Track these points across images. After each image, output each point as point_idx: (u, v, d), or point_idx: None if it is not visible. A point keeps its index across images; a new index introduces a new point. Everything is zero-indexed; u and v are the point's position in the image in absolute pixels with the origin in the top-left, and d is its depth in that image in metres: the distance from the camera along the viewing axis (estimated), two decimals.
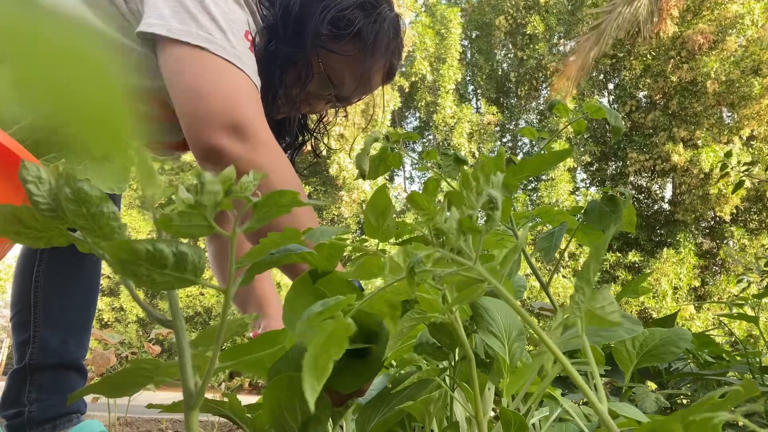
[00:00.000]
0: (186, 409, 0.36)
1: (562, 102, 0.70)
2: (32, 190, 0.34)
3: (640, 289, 0.81)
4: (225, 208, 0.35)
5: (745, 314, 1.31)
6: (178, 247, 0.33)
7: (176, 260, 0.33)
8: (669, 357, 0.71)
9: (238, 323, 0.39)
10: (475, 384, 0.56)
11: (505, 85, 15.68)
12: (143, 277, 0.33)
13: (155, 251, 0.33)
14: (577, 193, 13.11)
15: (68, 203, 0.34)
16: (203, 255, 0.35)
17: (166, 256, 0.33)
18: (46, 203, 0.35)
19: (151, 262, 0.33)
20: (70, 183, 0.34)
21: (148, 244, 0.32)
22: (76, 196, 0.34)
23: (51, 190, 0.35)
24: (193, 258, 0.34)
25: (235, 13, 0.98)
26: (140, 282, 0.34)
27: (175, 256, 0.33)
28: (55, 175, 0.35)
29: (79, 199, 0.34)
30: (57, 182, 0.35)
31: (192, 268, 0.34)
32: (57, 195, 0.35)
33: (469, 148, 12.93)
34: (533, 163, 0.63)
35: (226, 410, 0.67)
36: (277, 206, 0.37)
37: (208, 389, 0.37)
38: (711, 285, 12.04)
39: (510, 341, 0.68)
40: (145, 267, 0.33)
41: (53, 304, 1.21)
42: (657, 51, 12.71)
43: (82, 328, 1.26)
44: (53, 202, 0.35)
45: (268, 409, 0.57)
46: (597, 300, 0.37)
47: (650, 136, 12.73)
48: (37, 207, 0.35)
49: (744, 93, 11.40)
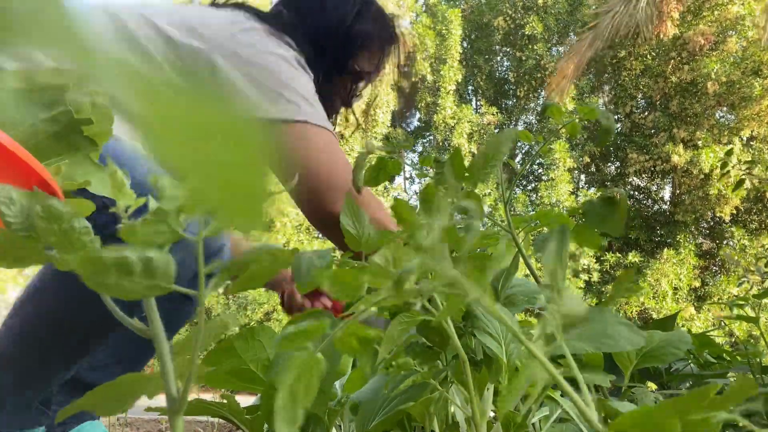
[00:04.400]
0: (170, 414, 0.36)
1: (556, 104, 0.70)
2: (4, 210, 0.34)
3: (632, 287, 0.81)
4: (188, 212, 0.34)
5: (746, 315, 1.31)
6: (144, 252, 0.33)
7: (144, 267, 0.33)
8: (669, 358, 0.71)
9: (218, 325, 0.38)
10: (470, 384, 0.56)
11: (504, 86, 15.68)
12: (112, 286, 0.33)
13: (121, 259, 0.32)
14: (577, 193, 13.10)
15: (40, 221, 0.34)
16: (170, 260, 0.34)
17: (132, 264, 0.33)
18: (20, 223, 0.35)
19: (119, 271, 0.32)
20: (41, 200, 0.34)
21: (113, 253, 0.32)
22: (47, 213, 0.34)
23: (23, 209, 0.35)
24: (158, 263, 0.33)
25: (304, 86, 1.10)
26: (111, 292, 0.33)
27: (142, 263, 0.33)
28: (26, 194, 0.35)
29: (50, 216, 0.34)
30: (28, 202, 0.35)
31: (162, 274, 0.34)
32: (29, 214, 0.35)
33: (469, 148, 12.92)
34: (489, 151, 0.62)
35: (225, 412, 0.67)
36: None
37: (207, 391, 0.37)
38: (711, 285, 12.03)
39: (507, 341, 0.68)
40: (113, 276, 0.33)
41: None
42: (657, 52, 12.71)
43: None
44: (26, 222, 0.35)
45: (266, 410, 0.57)
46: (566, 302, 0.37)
47: (650, 136, 12.73)
48: (9, 228, 0.35)
49: (744, 94, 11.40)
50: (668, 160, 12.04)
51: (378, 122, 12.62)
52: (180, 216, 0.34)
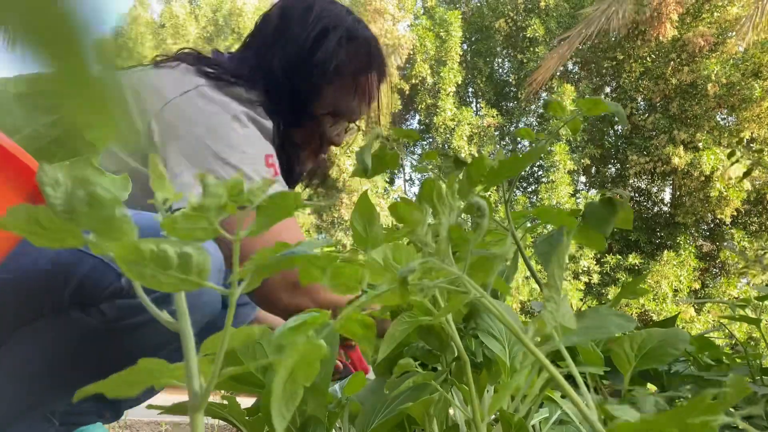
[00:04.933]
0: (191, 411, 0.36)
1: (558, 101, 0.71)
2: (49, 192, 0.35)
3: (638, 290, 0.81)
4: (229, 212, 0.35)
5: (747, 316, 1.31)
6: (182, 248, 0.34)
7: (180, 261, 0.34)
8: (667, 358, 0.71)
9: (246, 331, 0.39)
10: (471, 386, 0.56)
11: (505, 88, 15.69)
12: (149, 277, 0.34)
13: (159, 252, 0.33)
14: (577, 195, 13.10)
15: (82, 206, 0.34)
16: (207, 257, 0.35)
17: (170, 257, 0.33)
18: (63, 206, 0.35)
19: (156, 263, 0.33)
20: (85, 186, 0.35)
21: (152, 245, 0.33)
22: (90, 199, 0.34)
23: (66, 193, 0.35)
24: (197, 259, 0.34)
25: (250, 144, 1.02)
26: (147, 282, 0.34)
27: (179, 258, 0.34)
28: (71, 178, 0.35)
29: (93, 202, 0.34)
30: (73, 186, 0.35)
31: (196, 270, 0.34)
32: (72, 198, 0.35)
33: (469, 150, 12.92)
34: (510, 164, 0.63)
35: (226, 413, 0.67)
36: (279, 209, 0.37)
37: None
38: (711, 287, 12.02)
39: (510, 343, 0.68)
40: (150, 268, 0.33)
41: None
42: (657, 53, 12.72)
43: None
44: (68, 205, 0.35)
45: (267, 412, 0.57)
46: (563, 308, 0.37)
47: (650, 138, 12.73)
48: (53, 209, 0.35)
49: (744, 96, 11.40)
50: (668, 162, 12.04)
51: (378, 124, 12.61)
52: (222, 214, 0.35)
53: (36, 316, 0.85)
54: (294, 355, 0.33)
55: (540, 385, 0.60)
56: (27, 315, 0.85)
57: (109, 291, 0.82)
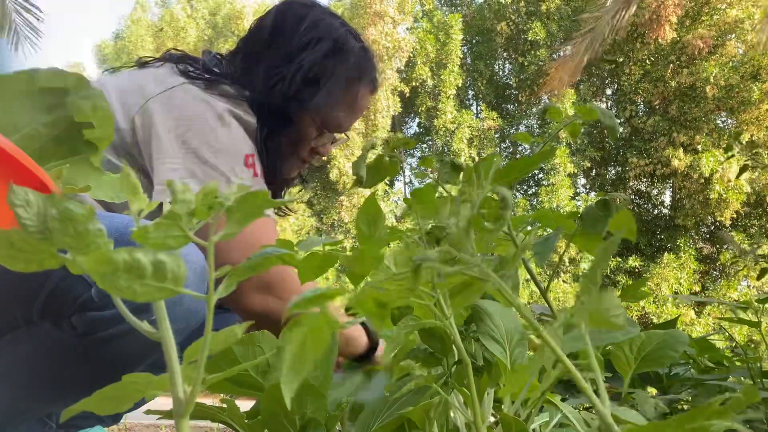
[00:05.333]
0: (176, 417, 0.36)
1: (556, 106, 0.70)
2: (21, 213, 0.34)
3: (639, 293, 0.81)
4: (200, 218, 0.34)
5: (747, 319, 1.31)
6: (156, 255, 0.33)
7: (155, 269, 0.33)
8: (667, 360, 0.71)
9: (226, 333, 0.39)
10: (473, 389, 0.56)
11: (506, 91, 15.70)
12: (124, 288, 0.33)
13: (133, 261, 0.32)
14: (577, 198, 13.11)
15: (54, 223, 0.34)
16: (182, 263, 0.34)
17: (144, 266, 0.33)
18: (35, 226, 0.35)
19: (130, 273, 0.33)
20: (56, 203, 0.34)
21: (125, 254, 0.32)
22: (62, 215, 0.34)
23: (39, 212, 0.35)
24: (171, 266, 0.34)
25: (230, 143, 1.01)
26: (123, 293, 0.34)
27: (153, 265, 0.33)
28: (43, 197, 0.35)
29: (65, 218, 0.34)
30: (45, 204, 0.35)
31: (172, 277, 0.34)
32: (45, 217, 0.35)
33: (468, 153, 12.94)
34: (519, 165, 0.63)
35: (225, 416, 0.66)
36: (249, 209, 0.37)
37: (207, 395, 0.37)
38: (711, 290, 12.02)
39: (512, 346, 0.68)
40: (125, 278, 0.33)
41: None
42: (656, 56, 12.74)
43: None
44: (41, 224, 0.35)
45: (266, 414, 0.57)
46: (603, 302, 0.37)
47: (650, 141, 12.74)
48: (26, 230, 0.35)
49: (743, 98, 11.41)
50: (668, 164, 12.05)
51: (378, 126, 12.64)
52: (192, 220, 0.34)
53: (11, 327, 0.83)
54: (307, 324, 0.33)
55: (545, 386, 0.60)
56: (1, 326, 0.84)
57: (78, 303, 0.79)
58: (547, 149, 0.66)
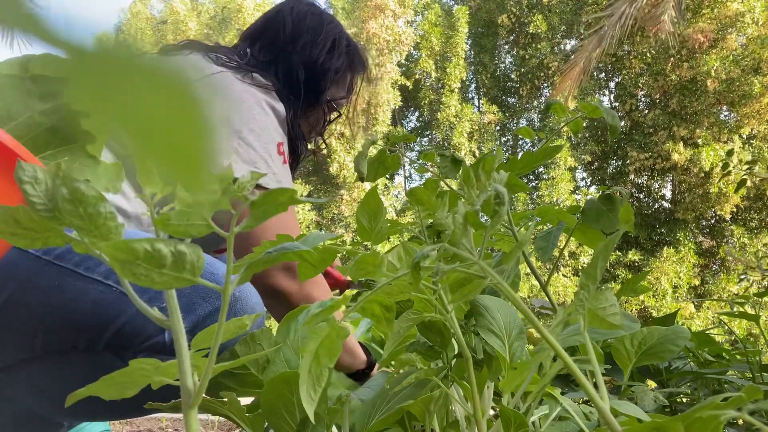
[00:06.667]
0: (185, 408, 0.36)
1: (559, 102, 0.70)
2: (29, 190, 0.34)
3: (639, 287, 0.81)
4: (223, 207, 0.34)
5: (746, 313, 1.31)
6: (176, 246, 0.33)
7: (174, 259, 0.33)
8: (667, 355, 0.71)
9: (236, 324, 0.39)
10: (473, 382, 0.56)
11: (507, 84, 15.66)
12: (142, 276, 0.33)
13: (153, 251, 0.33)
14: (577, 192, 13.10)
15: (65, 203, 0.34)
16: (201, 254, 0.35)
17: (165, 256, 0.33)
18: (43, 204, 0.34)
19: (150, 262, 0.33)
20: (67, 183, 0.34)
21: (146, 244, 0.32)
22: (73, 196, 0.34)
23: (47, 190, 0.34)
24: (191, 257, 0.34)
25: (266, 130, 1.10)
26: (139, 281, 0.34)
27: (173, 256, 0.33)
28: (52, 175, 0.35)
29: (76, 199, 0.34)
30: (54, 182, 0.34)
31: (190, 267, 0.34)
32: (53, 195, 0.34)
33: (469, 147, 12.92)
34: (524, 160, 0.63)
35: (226, 410, 0.67)
36: (274, 204, 0.37)
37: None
38: (711, 284, 12.03)
39: (510, 340, 0.68)
40: (144, 267, 0.33)
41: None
42: (657, 50, 12.70)
43: None
44: (50, 203, 0.34)
45: (266, 408, 0.57)
46: (599, 300, 0.37)
47: (650, 134, 12.72)
48: (33, 208, 0.34)
49: (744, 91, 11.39)
50: (668, 158, 12.03)
51: (378, 120, 12.62)
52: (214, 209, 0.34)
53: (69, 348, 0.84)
54: (317, 338, 0.34)
55: (545, 380, 0.60)
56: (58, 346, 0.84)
57: (148, 344, 0.81)
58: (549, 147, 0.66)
